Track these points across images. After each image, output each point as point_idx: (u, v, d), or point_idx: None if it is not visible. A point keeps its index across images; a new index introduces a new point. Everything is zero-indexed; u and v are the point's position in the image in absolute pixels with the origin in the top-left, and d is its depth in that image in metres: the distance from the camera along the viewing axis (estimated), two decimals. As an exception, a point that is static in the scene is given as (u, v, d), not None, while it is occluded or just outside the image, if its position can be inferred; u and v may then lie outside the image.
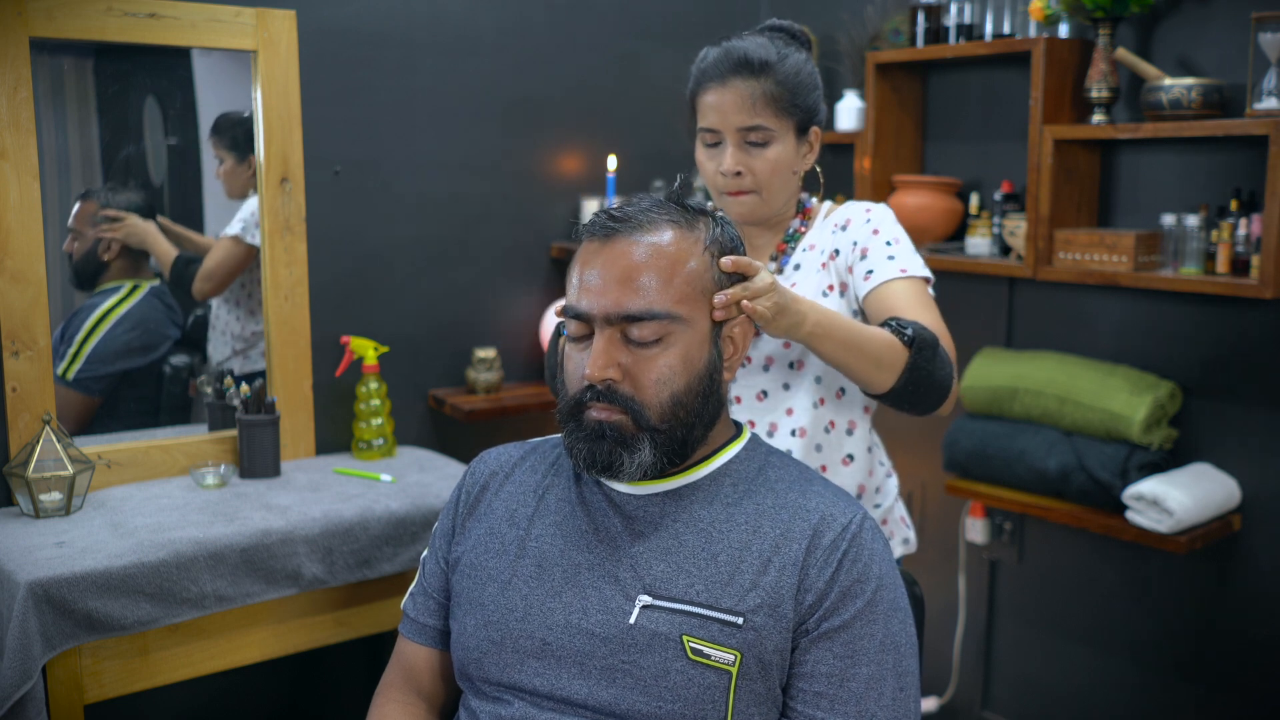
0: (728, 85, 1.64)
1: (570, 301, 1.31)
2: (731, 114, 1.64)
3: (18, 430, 2.12)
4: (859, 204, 1.77)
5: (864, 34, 2.92)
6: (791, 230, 1.76)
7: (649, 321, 1.27)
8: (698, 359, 1.30)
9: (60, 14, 2.09)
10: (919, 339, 1.53)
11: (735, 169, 1.66)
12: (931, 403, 1.59)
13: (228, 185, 2.42)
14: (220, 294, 2.45)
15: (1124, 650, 2.63)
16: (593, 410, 1.28)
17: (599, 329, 1.28)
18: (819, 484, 1.36)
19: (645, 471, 1.28)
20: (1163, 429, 2.43)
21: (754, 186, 1.67)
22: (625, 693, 1.25)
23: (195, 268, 2.41)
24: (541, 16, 2.75)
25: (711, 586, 1.26)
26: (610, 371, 1.26)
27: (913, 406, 1.58)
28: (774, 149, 1.66)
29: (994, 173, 2.78)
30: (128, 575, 1.83)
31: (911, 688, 1.28)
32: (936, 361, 1.55)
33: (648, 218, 1.31)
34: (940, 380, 1.56)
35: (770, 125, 1.65)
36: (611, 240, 1.29)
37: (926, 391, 1.56)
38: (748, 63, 1.64)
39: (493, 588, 1.35)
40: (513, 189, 2.77)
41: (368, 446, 2.46)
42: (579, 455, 1.30)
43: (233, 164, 2.41)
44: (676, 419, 1.29)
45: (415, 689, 1.46)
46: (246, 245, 2.41)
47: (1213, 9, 2.36)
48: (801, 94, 1.67)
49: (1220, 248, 2.27)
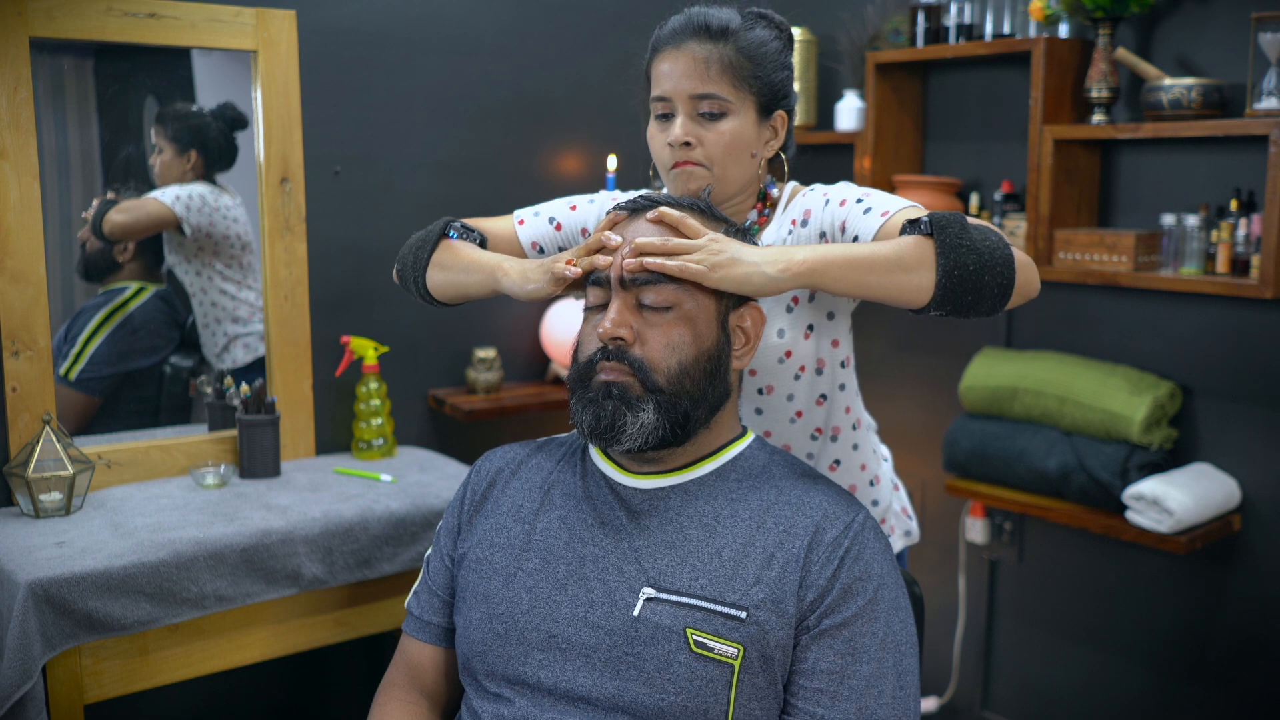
0: (683, 49, 1.50)
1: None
2: (684, 79, 1.49)
3: (18, 430, 2.12)
4: (815, 192, 1.57)
5: (864, 34, 2.92)
6: (748, 223, 1.60)
7: (661, 285, 1.31)
8: (706, 336, 1.33)
9: (60, 14, 2.09)
10: (937, 218, 1.31)
11: (684, 138, 1.49)
12: (997, 281, 1.29)
13: (162, 175, 2.38)
14: (133, 236, 2.39)
15: (1124, 650, 2.63)
16: (602, 373, 1.32)
17: (615, 293, 1.33)
18: (823, 482, 1.37)
19: (647, 437, 1.30)
20: (1163, 429, 2.43)
21: (704, 160, 1.50)
22: (629, 685, 1.25)
23: (111, 205, 2.35)
24: (541, 16, 2.75)
25: (715, 580, 1.27)
26: (623, 330, 1.31)
27: (980, 298, 1.29)
28: (729, 122, 1.49)
29: (994, 173, 2.79)
30: (128, 575, 1.83)
31: (911, 686, 1.29)
32: (971, 232, 1.29)
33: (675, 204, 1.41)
34: (990, 250, 1.29)
35: (726, 95, 1.49)
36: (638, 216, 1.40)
37: (981, 269, 1.27)
38: (706, 26, 1.50)
39: (498, 581, 1.36)
40: (513, 189, 2.77)
41: (368, 446, 2.46)
42: (584, 422, 1.32)
43: (171, 156, 2.39)
44: (682, 388, 1.31)
45: (418, 687, 1.47)
46: (164, 205, 2.37)
47: (1213, 9, 2.36)
48: (764, 67, 1.51)
49: (1220, 248, 2.27)
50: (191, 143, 2.39)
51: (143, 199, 2.37)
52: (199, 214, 2.39)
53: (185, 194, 2.39)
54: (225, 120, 2.41)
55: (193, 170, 2.39)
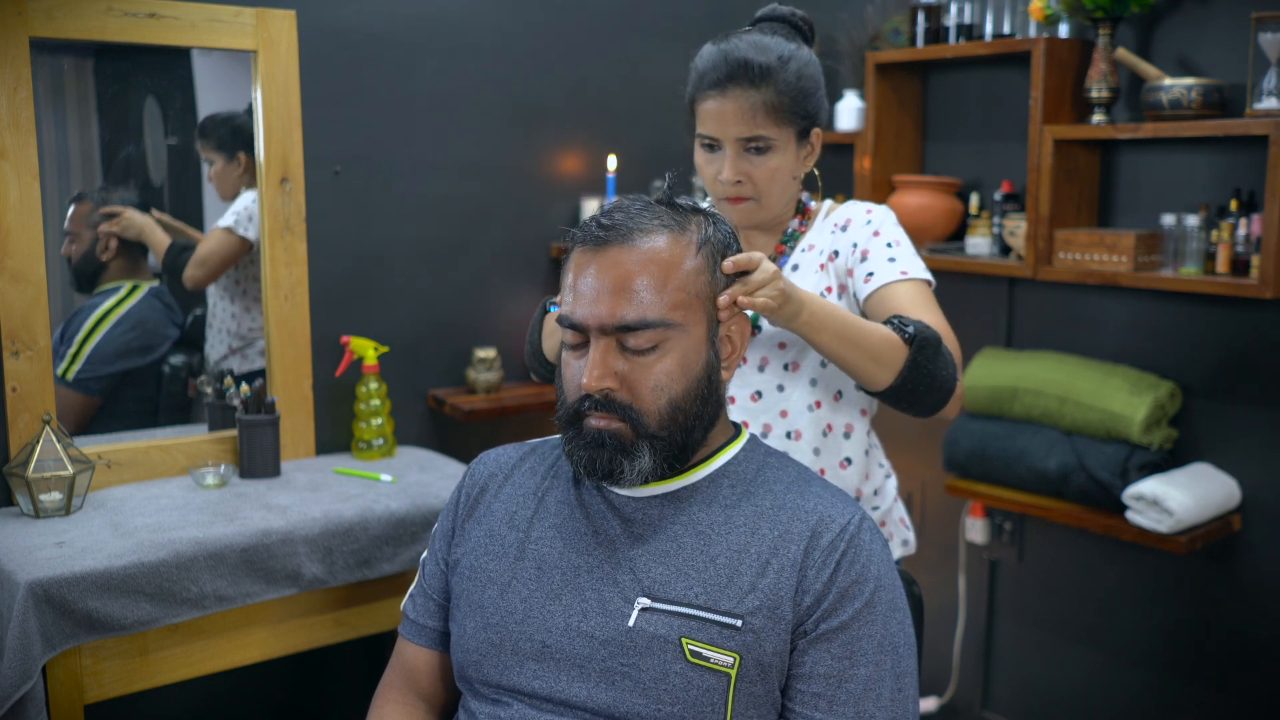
0: (727, 95, 1.59)
1: (564, 311, 1.30)
2: (731, 125, 1.59)
3: (18, 430, 2.12)
4: (860, 204, 1.74)
5: (864, 34, 2.92)
6: (790, 231, 1.73)
7: (644, 330, 1.25)
8: (695, 363, 1.29)
9: (60, 14, 2.09)
10: (920, 337, 1.49)
11: (735, 178, 1.62)
12: (932, 403, 1.55)
13: (219, 186, 2.42)
14: (211, 283, 2.45)
15: (1124, 650, 2.63)
16: (591, 419, 1.28)
17: (594, 339, 1.27)
18: (817, 485, 1.36)
19: (645, 477, 1.28)
20: (1163, 429, 2.43)
21: (753, 194, 1.64)
22: (624, 695, 1.24)
23: (188, 255, 2.40)
24: (541, 16, 2.75)
25: (710, 589, 1.26)
26: (607, 381, 1.26)
27: (912, 406, 1.55)
28: (774, 157, 1.62)
29: (994, 173, 2.78)
30: (128, 575, 1.84)
31: (910, 688, 1.28)
32: (939, 361, 1.52)
33: (638, 223, 1.28)
34: (942, 381, 1.53)
35: (771, 135, 1.60)
36: (603, 249, 1.27)
37: (926, 391, 1.52)
38: (747, 71, 1.58)
39: (492, 590, 1.35)
40: (513, 189, 2.77)
41: (368, 446, 2.46)
42: (579, 462, 1.29)
43: (222, 164, 2.41)
44: (675, 424, 1.28)
45: (415, 690, 1.46)
46: (239, 237, 2.41)
47: (1213, 9, 2.36)
48: (803, 100, 1.62)
49: (1220, 248, 2.27)
50: (237, 146, 2.40)
51: (213, 237, 2.41)
52: (256, 225, 2.41)
53: (243, 211, 2.41)
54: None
55: (246, 172, 2.40)
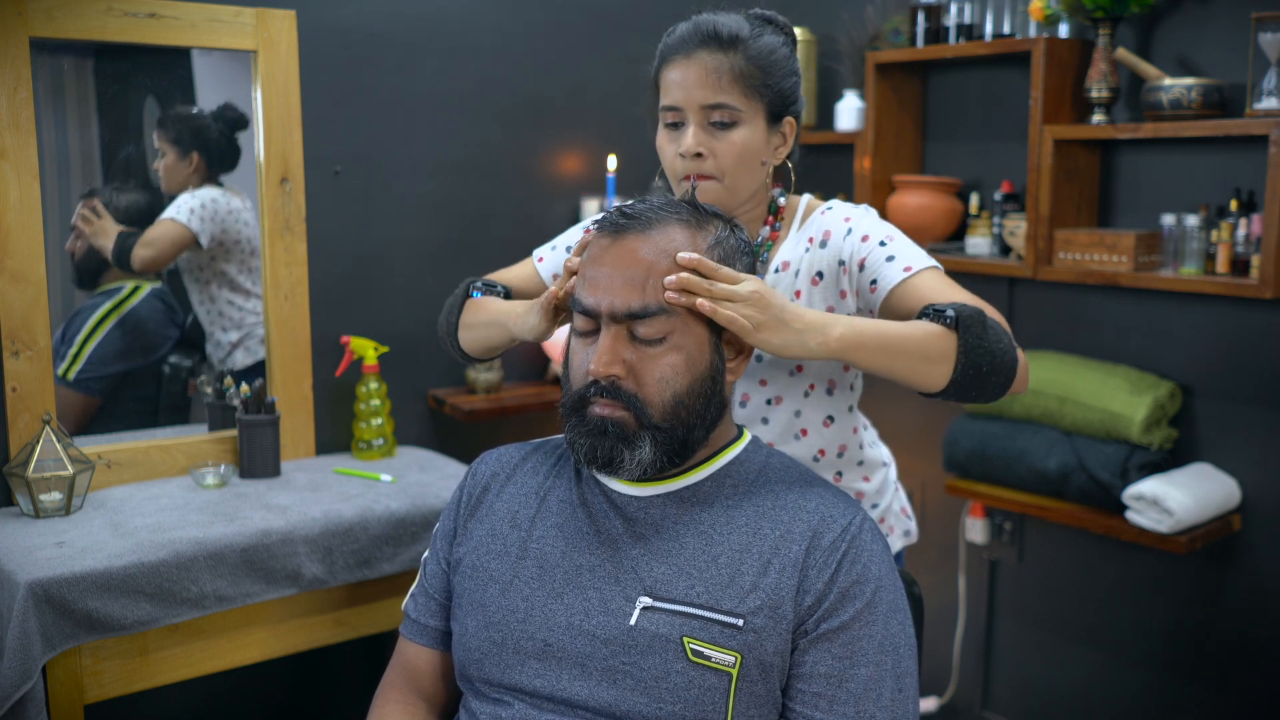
0: (693, 59, 1.49)
1: (578, 295, 1.32)
2: (695, 89, 1.48)
3: (18, 430, 2.12)
4: (835, 212, 1.60)
5: (864, 34, 2.92)
6: (761, 239, 1.61)
7: (653, 319, 1.27)
8: (700, 360, 1.30)
9: (60, 14, 2.09)
10: (962, 316, 1.36)
11: (696, 149, 1.49)
12: (1000, 382, 1.38)
13: (166, 179, 2.39)
14: (161, 267, 2.42)
15: (1124, 650, 2.63)
16: (596, 406, 1.29)
17: (605, 325, 1.29)
18: (819, 485, 1.37)
19: (645, 469, 1.29)
20: (1163, 429, 2.43)
21: (715, 171, 1.50)
22: (626, 694, 1.25)
23: (134, 240, 2.37)
24: (541, 16, 2.75)
25: (712, 588, 1.26)
26: (615, 368, 1.27)
27: (981, 392, 1.39)
28: (740, 131, 1.50)
29: (994, 173, 2.79)
30: (128, 575, 1.84)
31: (910, 689, 1.29)
32: (989, 334, 1.37)
33: (658, 216, 1.31)
34: (1001, 353, 1.37)
35: (737, 104, 1.49)
36: (621, 237, 1.30)
37: (991, 370, 1.37)
38: (716, 35, 1.49)
39: (494, 589, 1.35)
40: (513, 189, 2.77)
41: (368, 446, 2.46)
42: (580, 450, 1.30)
43: (174, 159, 2.39)
44: (678, 418, 1.29)
45: (416, 690, 1.46)
46: (181, 226, 2.39)
47: (1213, 9, 2.36)
48: (775, 75, 1.51)
49: (1220, 248, 2.27)
50: (193, 145, 2.39)
51: (159, 224, 2.39)
52: (212, 222, 2.40)
53: (197, 204, 2.40)
54: (226, 121, 2.41)
55: (196, 173, 2.39)
